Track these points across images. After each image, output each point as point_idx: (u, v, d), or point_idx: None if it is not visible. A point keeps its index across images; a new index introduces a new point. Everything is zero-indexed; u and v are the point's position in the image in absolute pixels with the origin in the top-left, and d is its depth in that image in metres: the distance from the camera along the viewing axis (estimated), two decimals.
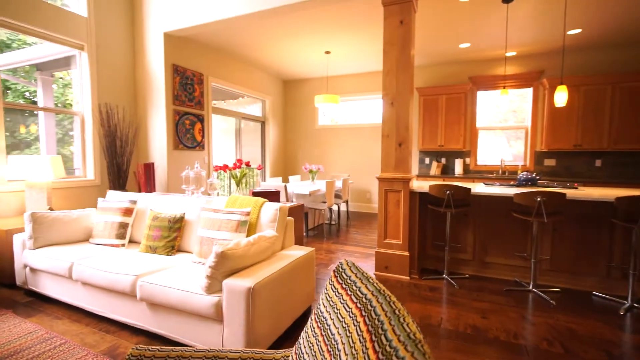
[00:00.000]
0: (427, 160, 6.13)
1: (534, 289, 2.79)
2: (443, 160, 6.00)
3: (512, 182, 3.85)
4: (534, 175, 3.42)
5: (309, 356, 0.89)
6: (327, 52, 5.30)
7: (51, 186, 3.44)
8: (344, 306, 0.87)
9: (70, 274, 2.26)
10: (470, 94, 5.71)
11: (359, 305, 0.82)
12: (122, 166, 4.10)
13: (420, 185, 3.24)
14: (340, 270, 0.99)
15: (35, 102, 4.24)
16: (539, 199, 2.56)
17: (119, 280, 2.03)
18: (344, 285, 0.93)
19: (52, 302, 2.53)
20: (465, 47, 4.95)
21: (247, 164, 3.01)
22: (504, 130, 5.73)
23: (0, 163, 3.24)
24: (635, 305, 2.52)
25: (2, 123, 3.28)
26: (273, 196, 2.80)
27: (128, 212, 2.76)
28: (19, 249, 2.60)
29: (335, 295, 0.93)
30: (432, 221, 3.39)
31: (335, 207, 6.63)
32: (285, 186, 4.07)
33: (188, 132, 4.77)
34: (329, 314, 0.91)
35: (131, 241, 2.83)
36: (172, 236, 2.48)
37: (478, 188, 3.06)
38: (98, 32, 4.09)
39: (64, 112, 4.10)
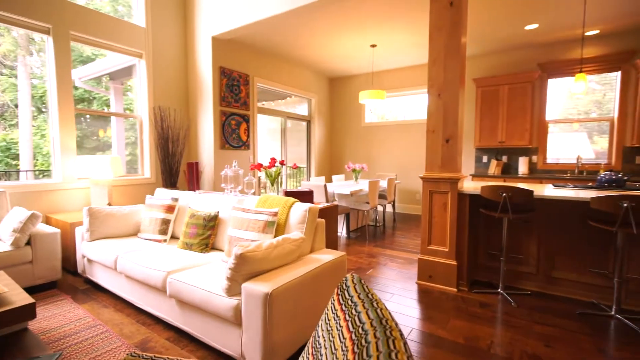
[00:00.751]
0: (484, 159, 5.54)
1: (617, 315, 2.29)
2: (504, 159, 5.36)
3: (590, 184, 3.25)
4: (619, 175, 2.83)
5: None
6: (373, 46, 5.06)
7: (112, 183, 3.77)
8: (339, 334, 0.71)
9: (115, 266, 2.41)
10: (538, 82, 5.01)
11: (353, 337, 0.66)
12: (173, 165, 4.35)
13: (472, 186, 2.88)
14: (344, 287, 0.83)
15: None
16: (625, 205, 2.08)
17: (153, 276, 2.09)
18: (344, 308, 0.77)
19: (103, 290, 2.73)
20: (533, 28, 4.33)
21: (282, 163, 2.95)
22: (584, 124, 4.92)
23: (71, 163, 3.63)
24: None
25: (73, 127, 3.66)
26: (306, 196, 2.70)
27: (170, 209, 2.88)
28: (79, 241, 2.87)
29: (334, 318, 0.78)
30: (486, 227, 2.99)
31: (380, 208, 6.35)
32: (325, 186, 3.95)
33: (234, 132, 4.91)
34: (324, 340, 0.76)
35: (173, 237, 2.95)
36: (206, 234, 2.52)
37: (545, 190, 2.61)
38: (154, 41, 4.39)
39: (125, 116, 4.48)
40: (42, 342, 1.63)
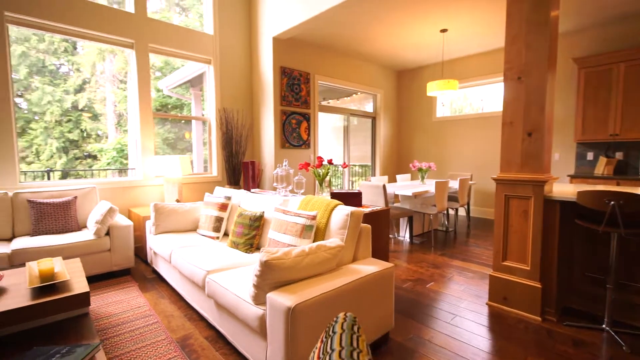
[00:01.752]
0: (589, 156, 4.51)
1: None
2: (618, 156, 4.28)
3: None
4: None
5: None
6: (443, 30, 4.53)
7: (181, 181, 4.08)
8: None
9: (170, 260, 2.54)
10: None
11: None
12: (236, 164, 4.54)
13: (567, 190, 2.29)
14: (330, 334, 0.62)
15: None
16: None
17: (195, 273, 2.13)
18: None
19: (164, 281, 2.94)
20: None
21: (330, 162, 2.77)
22: None
23: (150, 162, 4.03)
24: None
25: (152, 130, 4.06)
26: (353, 198, 2.48)
27: (223, 207, 2.95)
28: (148, 233, 3.14)
29: None
30: (585, 243, 2.35)
31: (451, 212, 5.70)
32: (384, 186, 3.65)
33: (294, 131, 4.91)
34: None
35: (227, 234, 3.03)
36: (251, 234, 2.49)
37: None
38: (221, 46, 4.64)
39: (196, 119, 4.83)
40: (93, 329, 1.76)
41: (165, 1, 5.06)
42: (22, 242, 2.65)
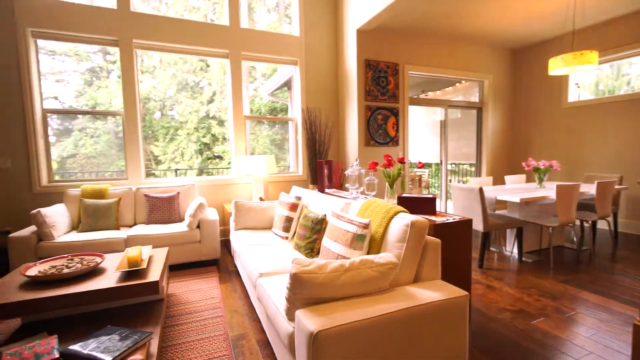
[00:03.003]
0: None
1: None
2: None
3: None
4: None
5: None
6: None
7: (267, 180, 4.29)
8: None
9: (240, 256, 2.63)
10: None
11: None
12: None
13: None
14: None
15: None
16: None
17: (252, 274, 2.12)
18: None
19: (240, 276, 3.09)
20: None
21: (401, 160, 2.39)
22: None
23: (242, 162, 4.37)
24: None
25: (243, 132, 4.40)
26: (424, 205, 2.05)
27: (294, 207, 2.92)
28: (231, 228, 3.37)
29: None
30: None
31: (587, 225, 4.38)
32: (481, 189, 3.01)
33: (380, 128, 4.60)
34: None
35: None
36: (312, 238, 2.36)
37: None
38: (307, 46, 4.68)
39: (284, 120, 5.02)
40: (160, 316, 1.93)
41: (276, 15, 5.43)
42: (136, 230, 3.18)
